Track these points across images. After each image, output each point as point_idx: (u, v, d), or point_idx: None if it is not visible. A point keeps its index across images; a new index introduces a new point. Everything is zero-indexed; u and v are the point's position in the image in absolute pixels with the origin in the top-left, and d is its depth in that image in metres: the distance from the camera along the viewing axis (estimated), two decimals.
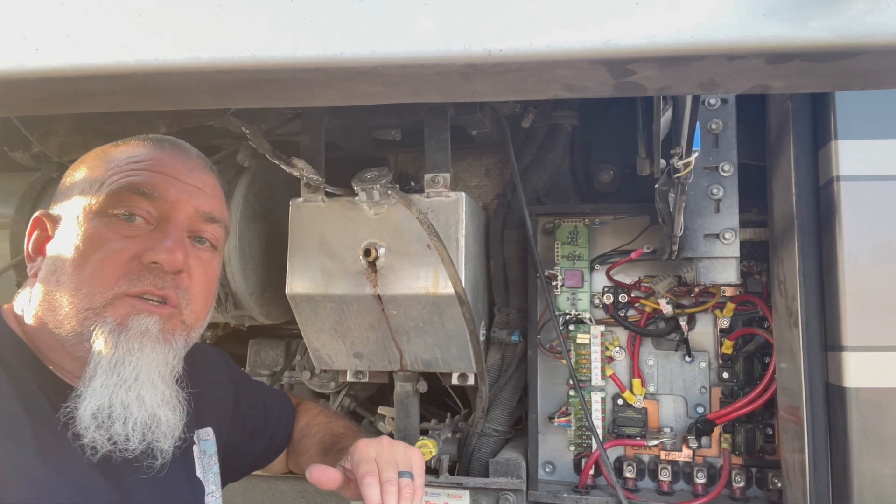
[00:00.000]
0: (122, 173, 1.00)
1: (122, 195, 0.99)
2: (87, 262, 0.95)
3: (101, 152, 1.09)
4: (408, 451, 1.21)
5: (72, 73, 0.66)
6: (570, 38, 0.61)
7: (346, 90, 0.68)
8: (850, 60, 0.61)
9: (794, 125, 1.31)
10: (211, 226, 1.08)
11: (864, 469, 1.20)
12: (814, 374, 1.27)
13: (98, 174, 1.03)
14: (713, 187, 1.39)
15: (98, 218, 0.98)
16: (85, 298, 0.94)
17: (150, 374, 0.96)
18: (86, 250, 0.96)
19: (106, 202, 0.98)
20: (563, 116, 1.76)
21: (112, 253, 0.96)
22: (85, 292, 0.94)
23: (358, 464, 1.15)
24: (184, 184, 1.04)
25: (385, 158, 1.91)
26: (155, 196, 1.00)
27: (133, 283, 0.96)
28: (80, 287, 0.94)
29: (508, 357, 1.73)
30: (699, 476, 1.59)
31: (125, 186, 0.99)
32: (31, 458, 0.89)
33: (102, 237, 0.96)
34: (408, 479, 1.15)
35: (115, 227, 0.98)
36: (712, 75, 0.64)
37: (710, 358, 1.64)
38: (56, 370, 1.00)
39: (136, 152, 1.05)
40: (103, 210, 0.98)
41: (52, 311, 0.97)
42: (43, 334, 0.99)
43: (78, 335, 0.95)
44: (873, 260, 1.22)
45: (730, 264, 1.40)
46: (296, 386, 1.98)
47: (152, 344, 0.97)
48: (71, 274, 0.96)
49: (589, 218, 1.71)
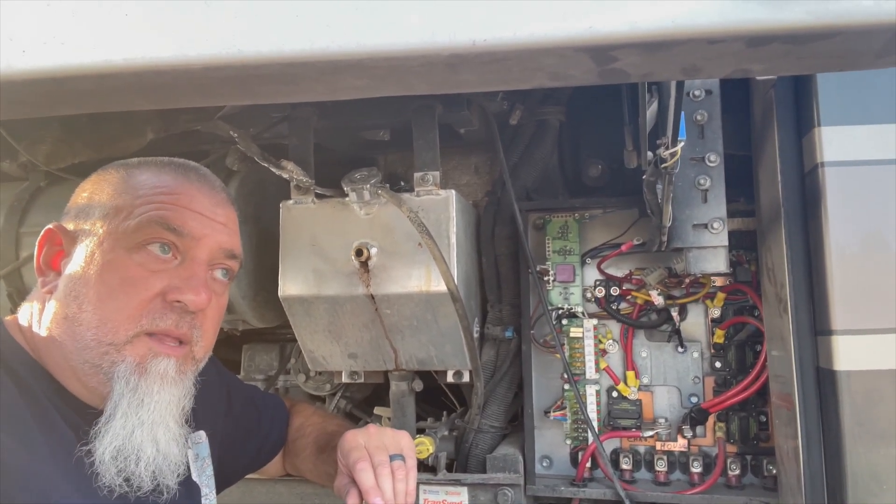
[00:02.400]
0: (150, 204, 1.00)
1: (152, 229, 0.99)
2: (112, 295, 0.96)
3: (124, 174, 1.07)
4: (396, 434, 1.24)
5: (60, 73, 0.66)
6: (554, 27, 0.62)
7: (333, 84, 0.68)
8: (828, 42, 0.62)
9: (777, 113, 1.32)
10: (230, 261, 1.10)
11: (857, 451, 1.21)
12: (804, 358, 1.28)
13: (124, 200, 1.01)
14: (700, 178, 1.41)
15: (124, 248, 0.98)
16: (109, 333, 0.95)
17: (164, 415, 0.99)
18: (112, 281, 0.96)
19: (135, 234, 0.98)
20: (551, 112, 1.77)
21: (139, 289, 0.97)
22: (109, 327, 0.95)
23: (348, 453, 1.17)
24: (210, 220, 1.05)
25: (374, 159, 1.91)
26: (184, 233, 1.01)
27: (155, 321, 0.98)
28: (104, 321, 0.95)
29: (503, 353, 1.73)
30: (695, 465, 1.60)
31: (156, 220, 0.99)
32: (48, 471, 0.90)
33: (130, 271, 0.97)
34: (399, 462, 1.17)
35: (141, 261, 0.98)
36: (694, 60, 0.66)
37: (703, 348, 1.66)
38: (67, 387, 1.00)
39: (164, 181, 1.04)
40: (131, 240, 0.98)
41: (70, 335, 0.96)
42: (53, 353, 0.98)
43: (95, 367, 0.96)
44: (859, 243, 1.23)
45: (719, 253, 1.42)
46: (291, 389, 1.98)
47: (169, 386, 0.99)
48: (95, 304, 0.96)
49: (579, 212, 1.72)
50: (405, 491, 1.15)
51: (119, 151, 1.58)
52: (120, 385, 0.95)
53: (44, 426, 0.93)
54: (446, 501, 1.60)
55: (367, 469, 1.13)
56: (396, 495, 1.13)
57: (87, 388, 0.98)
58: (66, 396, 0.99)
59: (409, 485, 1.16)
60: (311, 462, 1.38)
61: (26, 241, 1.74)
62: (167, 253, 1.00)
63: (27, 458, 0.88)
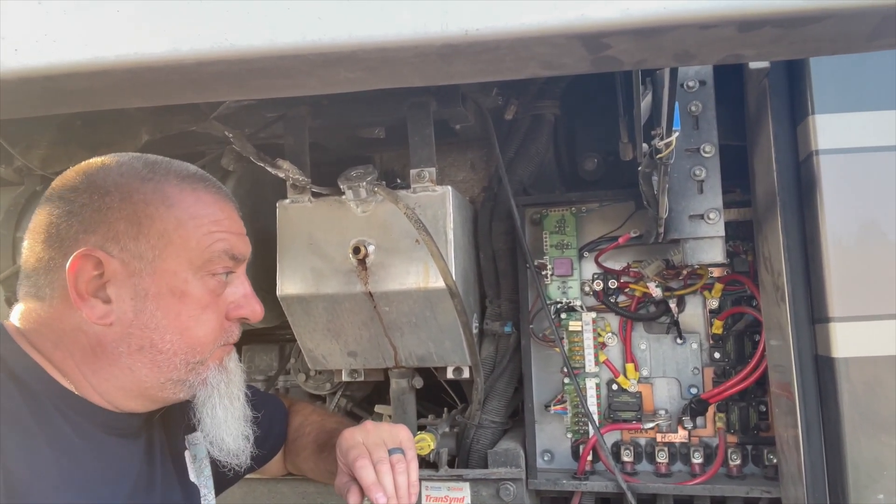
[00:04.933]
0: (211, 234, 1.05)
1: (222, 260, 1.05)
2: (196, 324, 1.03)
3: (164, 198, 1.03)
4: (393, 429, 1.24)
5: (52, 72, 0.66)
6: (545, 15, 0.62)
7: (326, 77, 0.68)
8: (819, 25, 0.63)
9: (771, 102, 1.32)
10: (244, 264, 1.16)
11: (857, 438, 1.21)
12: (803, 346, 1.29)
13: (185, 233, 1.03)
14: (695, 169, 1.41)
15: (197, 278, 1.04)
16: (196, 355, 1.04)
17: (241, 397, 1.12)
18: (193, 312, 1.03)
19: (207, 264, 1.04)
20: (546, 107, 1.77)
21: (217, 314, 1.06)
22: (197, 350, 1.04)
23: (347, 451, 1.18)
24: (245, 237, 1.12)
25: (370, 157, 1.91)
26: (241, 260, 1.10)
27: (228, 337, 1.09)
28: (192, 347, 1.03)
29: (502, 348, 1.73)
30: (696, 456, 1.60)
31: (225, 252, 1.05)
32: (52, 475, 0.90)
33: (206, 299, 1.04)
34: (399, 455, 1.17)
35: (213, 287, 1.05)
36: (686, 46, 0.66)
37: (701, 339, 1.66)
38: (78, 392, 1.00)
39: (212, 211, 1.07)
40: (203, 270, 1.04)
41: (151, 363, 1.01)
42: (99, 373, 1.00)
43: (180, 382, 1.04)
44: (856, 230, 1.23)
45: (715, 244, 1.42)
46: (291, 389, 1.98)
47: (241, 374, 1.14)
48: (180, 333, 1.02)
49: (575, 206, 1.72)
50: (406, 484, 1.15)
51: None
52: (208, 388, 1.06)
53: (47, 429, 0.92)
54: (449, 497, 1.60)
55: (367, 466, 1.14)
56: (398, 489, 1.13)
57: (153, 399, 1.05)
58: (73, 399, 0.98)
59: (410, 477, 1.16)
60: (311, 461, 1.38)
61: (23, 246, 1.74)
62: (225, 279, 1.08)
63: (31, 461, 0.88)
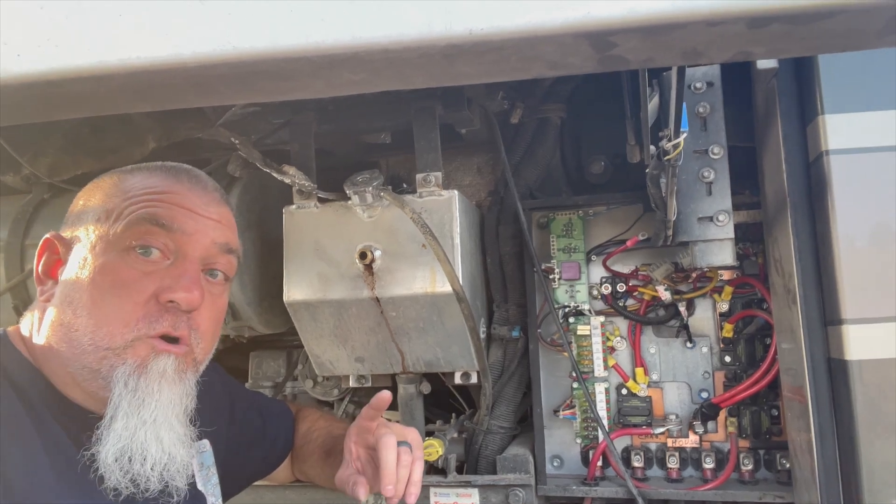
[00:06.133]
0: (139, 203, 0.99)
1: (141, 226, 0.98)
2: (106, 299, 0.95)
3: (116, 179, 1.07)
4: (404, 428, 1.24)
5: (56, 76, 0.65)
6: (551, 13, 0.61)
7: (331, 79, 0.68)
8: (829, 21, 0.62)
9: (780, 103, 1.31)
10: (226, 257, 1.08)
11: (871, 441, 1.19)
12: (815, 349, 1.27)
13: (114, 203, 1.01)
14: (704, 170, 1.39)
15: (116, 250, 0.97)
16: (105, 338, 0.94)
17: (167, 414, 0.98)
18: (104, 285, 0.95)
19: (123, 234, 0.97)
20: (552, 110, 1.76)
21: (132, 291, 0.96)
22: (105, 331, 0.94)
23: (366, 430, 1.20)
24: (201, 217, 1.04)
25: (376, 162, 1.91)
26: (174, 228, 1.00)
27: (152, 325, 0.96)
28: (100, 326, 0.94)
29: (510, 353, 1.72)
30: (707, 461, 1.58)
31: (144, 217, 0.98)
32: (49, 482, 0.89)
33: (121, 273, 0.96)
34: (406, 448, 1.17)
35: (133, 262, 0.97)
36: (694, 43, 0.65)
37: (712, 342, 1.64)
38: (68, 395, 0.99)
39: (153, 182, 1.04)
40: (121, 242, 0.97)
41: (67, 342, 0.96)
42: (52, 361, 0.98)
43: (94, 372, 0.95)
44: (867, 231, 1.22)
45: (725, 246, 1.41)
46: (299, 395, 1.97)
47: (169, 385, 0.98)
48: (90, 309, 0.95)
49: (583, 210, 1.71)
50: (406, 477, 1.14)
51: (121, 161, 1.57)
52: (119, 387, 0.94)
53: (44, 436, 0.92)
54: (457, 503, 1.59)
55: (392, 446, 1.14)
56: (398, 481, 1.13)
57: (88, 393, 0.97)
58: (66, 404, 0.98)
59: (413, 475, 1.15)
60: (319, 467, 1.37)
61: (31, 254, 1.74)
62: (153, 254, 0.98)
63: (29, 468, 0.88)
